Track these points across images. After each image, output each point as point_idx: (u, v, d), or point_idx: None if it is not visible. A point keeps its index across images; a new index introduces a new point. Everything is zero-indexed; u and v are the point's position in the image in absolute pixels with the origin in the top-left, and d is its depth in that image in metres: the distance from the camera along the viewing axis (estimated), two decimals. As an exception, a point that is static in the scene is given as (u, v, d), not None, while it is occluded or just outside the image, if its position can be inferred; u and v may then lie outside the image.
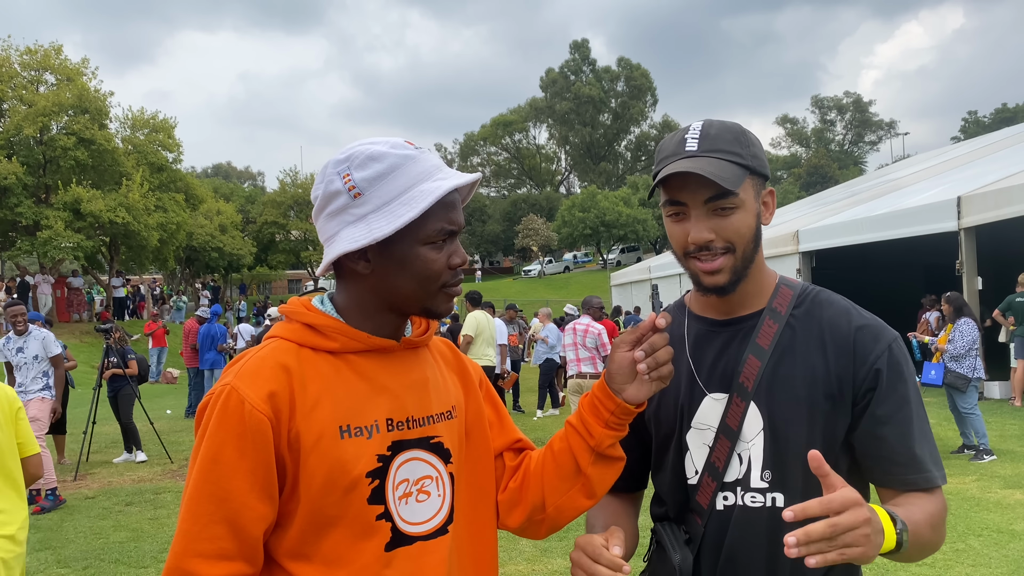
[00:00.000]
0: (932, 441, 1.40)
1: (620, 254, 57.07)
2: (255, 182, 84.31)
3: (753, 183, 1.39)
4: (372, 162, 1.24)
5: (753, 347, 1.41)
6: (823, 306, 1.44)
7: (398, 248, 1.25)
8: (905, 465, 1.36)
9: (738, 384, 1.41)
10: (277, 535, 1.24)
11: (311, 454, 1.20)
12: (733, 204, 1.36)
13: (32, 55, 27.67)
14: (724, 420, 1.41)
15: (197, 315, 14.70)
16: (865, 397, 1.37)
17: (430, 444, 1.31)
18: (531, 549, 5.42)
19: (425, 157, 1.28)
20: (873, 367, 1.37)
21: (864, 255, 15.67)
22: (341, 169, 1.26)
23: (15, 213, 25.58)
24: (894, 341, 1.40)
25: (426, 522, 1.29)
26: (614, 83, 74.83)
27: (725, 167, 1.35)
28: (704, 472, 1.43)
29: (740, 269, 1.40)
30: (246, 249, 39.79)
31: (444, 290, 1.30)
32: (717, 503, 1.42)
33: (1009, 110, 73.66)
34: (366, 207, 1.24)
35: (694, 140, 1.38)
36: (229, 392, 1.20)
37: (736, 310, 1.46)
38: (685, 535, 1.45)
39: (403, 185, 1.24)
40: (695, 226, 1.37)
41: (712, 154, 1.36)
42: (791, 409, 1.38)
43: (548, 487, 1.41)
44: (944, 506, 1.38)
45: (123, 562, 5.53)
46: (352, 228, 1.25)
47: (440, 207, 1.25)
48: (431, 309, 1.32)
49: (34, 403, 7.40)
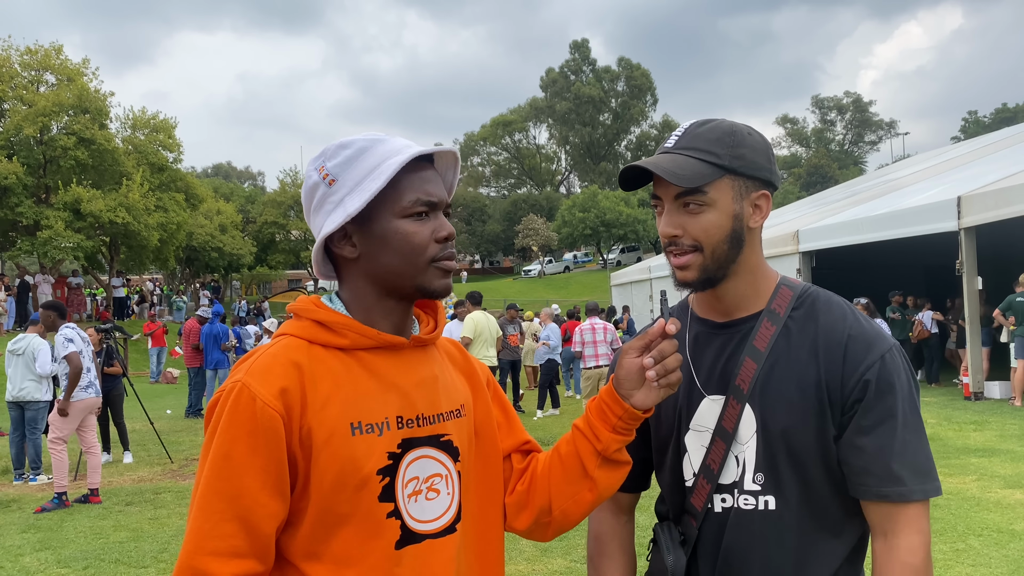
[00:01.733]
0: (920, 454, 1.34)
1: (620, 254, 57.09)
2: (255, 182, 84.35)
3: (734, 184, 1.38)
4: (342, 149, 1.29)
5: (750, 349, 1.41)
6: (821, 310, 1.43)
7: (377, 225, 1.27)
8: (880, 477, 1.33)
9: (734, 386, 1.40)
10: (288, 533, 1.24)
11: (323, 451, 1.20)
12: (701, 202, 1.36)
13: (32, 55, 27.64)
14: (720, 423, 1.41)
15: (197, 315, 14.70)
16: (852, 408, 1.35)
17: (440, 442, 1.31)
18: (531, 549, 5.42)
19: (395, 139, 1.31)
20: (862, 378, 1.34)
21: (864, 255, 15.66)
22: (317, 164, 1.31)
23: (15, 213, 25.56)
24: (888, 351, 1.36)
25: (435, 520, 1.29)
26: (614, 83, 74.81)
27: (689, 165, 1.35)
28: (699, 474, 1.43)
29: (712, 268, 1.39)
30: (246, 249, 39.78)
31: (434, 264, 1.29)
32: (715, 505, 1.42)
33: (1009, 110, 73.65)
34: (341, 192, 1.27)
35: (676, 137, 1.41)
36: (240, 389, 1.20)
37: (734, 312, 1.46)
38: (680, 536, 1.45)
39: (372, 164, 1.27)
40: (663, 220, 1.41)
41: (685, 151, 1.37)
42: (784, 412, 1.37)
43: (555, 490, 1.41)
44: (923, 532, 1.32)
45: (123, 562, 5.53)
46: (333, 214, 1.28)
47: (415, 180, 1.27)
48: (424, 287, 1.30)
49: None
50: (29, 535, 6.31)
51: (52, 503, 7.12)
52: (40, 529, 6.47)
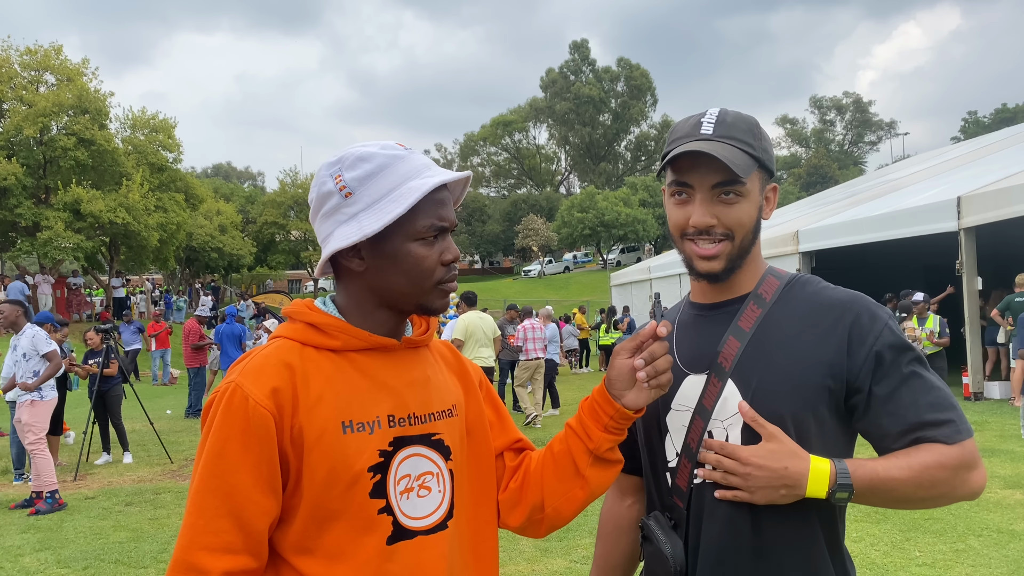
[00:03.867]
0: (946, 398, 1.34)
1: (620, 254, 57.09)
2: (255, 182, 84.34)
3: (760, 176, 1.41)
4: (362, 162, 1.28)
5: (734, 329, 1.43)
6: (812, 288, 1.45)
7: (389, 245, 1.28)
8: (926, 426, 1.32)
9: (716, 364, 1.42)
10: (281, 530, 1.26)
11: (314, 449, 1.23)
12: (739, 192, 1.38)
13: (32, 55, 27.62)
14: (700, 401, 1.42)
15: (197, 315, 14.71)
16: (866, 380, 1.34)
17: (431, 441, 1.33)
18: (531, 549, 5.42)
19: (414, 157, 1.31)
20: (872, 349, 1.35)
21: (864, 255, 15.67)
22: (333, 171, 1.30)
23: (15, 214, 25.56)
24: (890, 318, 1.39)
25: (427, 517, 1.31)
26: (614, 83, 74.82)
27: (738, 154, 1.36)
28: (681, 455, 1.44)
29: (736, 258, 1.41)
30: (246, 249, 39.79)
31: (439, 287, 1.32)
32: (694, 482, 1.42)
33: (1009, 110, 73.66)
34: (357, 206, 1.28)
35: (710, 124, 1.39)
36: (234, 389, 1.23)
37: (722, 295, 1.48)
38: (671, 522, 1.45)
39: (392, 183, 1.27)
40: (698, 209, 1.39)
41: (727, 140, 1.37)
42: (773, 385, 1.37)
43: (547, 488, 1.43)
44: (957, 458, 1.31)
45: (123, 562, 5.53)
46: (345, 227, 1.28)
47: (430, 204, 1.28)
48: (426, 306, 1.34)
49: (23, 408, 7.24)
50: (29, 535, 6.32)
51: (47, 504, 7.09)
52: (40, 529, 6.47)
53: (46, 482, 7.10)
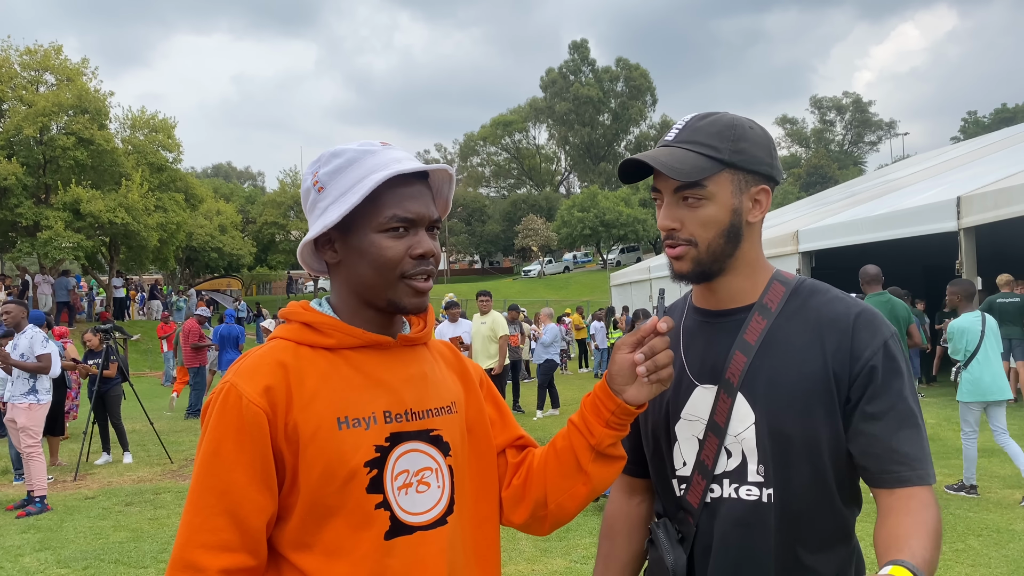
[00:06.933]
0: (925, 439, 1.36)
1: (620, 254, 57.06)
2: (255, 182, 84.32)
3: (733, 178, 1.39)
4: (334, 158, 1.33)
5: (740, 343, 1.42)
6: (818, 297, 1.44)
7: (355, 236, 1.31)
8: (898, 463, 1.32)
9: (724, 380, 1.41)
10: (279, 527, 1.27)
11: (309, 446, 1.24)
12: (700, 196, 1.37)
13: (32, 55, 27.61)
14: (712, 417, 1.42)
15: (196, 315, 14.70)
16: (858, 393, 1.35)
17: (429, 437, 1.34)
18: (531, 549, 5.42)
19: (388, 152, 1.33)
20: (868, 363, 1.34)
21: (864, 255, 15.60)
22: (312, 169, 1.37)
23: (15, 214, 25.56)
24: (891, 337, 1.38)
25: (426, 512, 1.31)
26: (613, 83, 74.81)
27: (688, 158, 1.36)
28: (695, 471, 1.43)
29: (707, 262, 1.41)
30: (246, 249, 39.76)
31: (404, 281, 1.31)
32: (707, 497, 1.42)
33: (1009, 110, 73.68)
34: (328, 199, 1.32)
35: (677, 130, 1.42)
36: (228, 389, 1.25)
37: (727, 303, 1.47)
38: (679, 534, 1.45)
39: (357, 176, 1.30)
40: (662, 213, 1.43)
41: (684, 145, 1.38)
42: (781, 401, 1.37)
43: (550, 484, 1.43)
44: (937, 508, 1.33)
45: (123, 562, 5.53)
46: (319, 220, 1.33)
47: (395, 196, 1.29)
48: (394, 301, 1.32)
49: (20, 410, 7.20)
50: (29, 535, 6.31)
51: (36, 507, 7.05)
52: (40, 529, 6.47)
53: (37, 486, 7.11)
